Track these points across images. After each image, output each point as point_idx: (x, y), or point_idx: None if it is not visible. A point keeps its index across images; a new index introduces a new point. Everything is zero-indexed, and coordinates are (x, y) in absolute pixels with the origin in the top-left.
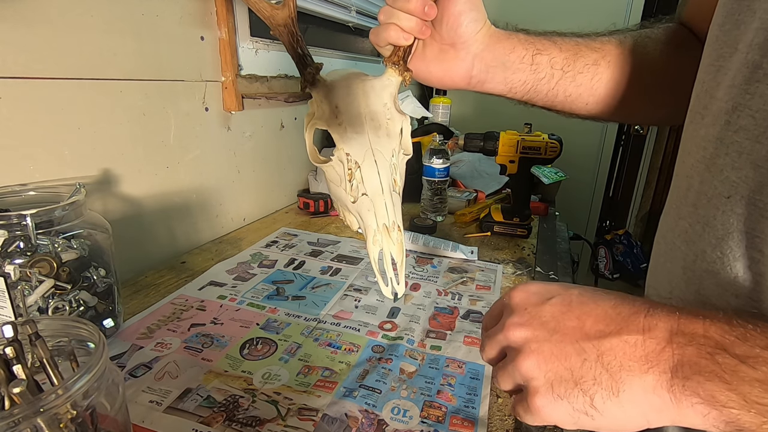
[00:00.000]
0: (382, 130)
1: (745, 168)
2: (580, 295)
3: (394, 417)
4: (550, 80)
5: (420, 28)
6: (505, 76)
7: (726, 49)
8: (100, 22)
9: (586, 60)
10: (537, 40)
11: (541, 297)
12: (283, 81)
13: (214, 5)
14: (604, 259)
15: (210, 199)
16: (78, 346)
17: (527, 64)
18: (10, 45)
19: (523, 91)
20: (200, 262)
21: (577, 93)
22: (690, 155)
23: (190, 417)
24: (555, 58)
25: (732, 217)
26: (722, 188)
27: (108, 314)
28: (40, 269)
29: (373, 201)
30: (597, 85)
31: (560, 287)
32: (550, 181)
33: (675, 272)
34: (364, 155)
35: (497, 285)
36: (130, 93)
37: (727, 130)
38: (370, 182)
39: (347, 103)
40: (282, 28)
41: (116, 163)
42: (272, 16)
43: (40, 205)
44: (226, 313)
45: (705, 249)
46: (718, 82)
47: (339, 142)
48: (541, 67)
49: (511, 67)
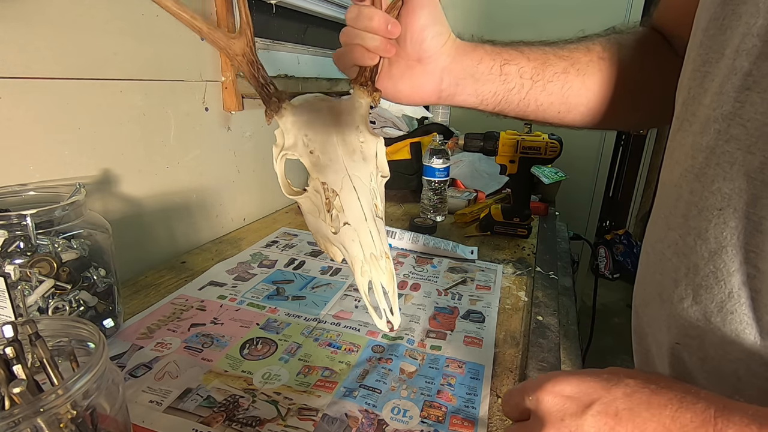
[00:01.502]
0: (357, 155)
1: (738, 179)
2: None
3: (394, 417)
4: (521, 90)
5: (385, 46)
6: (475, 88)
7: (712, 55)
8: (100, 22)
9: (555, 68)
10: (504, 50)
11: (579, 404)
12: (283, 81)
13: (214, 5)
14: (604, 259)
15: (210, 199)
16: (78, 346)
17: (496, 74)
18: (10, 45)
19: (495, 103)
20: (200, 262)
21: (549, 102)
22: (678, 164)
23: (190, 417)
24: (524, 67)
25: (725, 231)
26: (714, 200)
27: (108, 314)
28: (40, 269)
29: (356, 230)
30: (568, 93)
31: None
32: (550, 181)
33: (666, 285)
34: (341, 182)
35: (497, 285)
36: (130, 93)
37: (718, 140)
38: (352, 210)
39: (317, 130)
40: (240, 57)
41: (116, 163)
42: (228, 46)
43: (40, 205)
44: (226, 313)
45: (698, 263)
46: (705, 89)
47: (313, 171)
48: (510, 77)
49: (481, 79)
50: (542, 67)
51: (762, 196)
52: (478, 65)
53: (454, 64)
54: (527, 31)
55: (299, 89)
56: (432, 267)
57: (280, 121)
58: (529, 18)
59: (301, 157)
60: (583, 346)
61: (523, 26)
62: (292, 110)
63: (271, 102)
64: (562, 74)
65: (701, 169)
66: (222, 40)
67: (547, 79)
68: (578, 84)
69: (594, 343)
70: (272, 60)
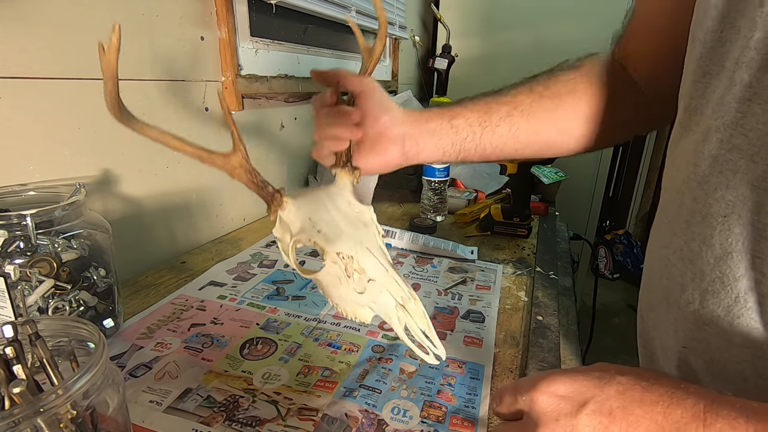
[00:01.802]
0: (358, 223)
1: (741, 187)
2: (621, 397)
3: (394, 417)
4: (474, 137)
5: (351, 132)
6: (434, 143)
7: (713, 67)
8: (100, 22)
9: (499, 113)
10: (449, 108)
11: (573, 404)
12: (283, 81)
13: (214, 5)
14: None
15: (210, 199)
16: (78, 346)
17: (447, 128)
18: (10, 45)
19: (454, 152)
20: (200, 262)
21: (503, 143)
22: (680, 171)
23: (190, 417)
24: (469, 118)
25: (730, 237)
26: (718, 207)
27: (108, 314)
28: (40, 269)
29: (382, 282)
30: (517, 132)
31: (593, 384)
32: (550, 181)
33: (672, 289)
34: (354, 247)
35: (497, 285)
36: (130, 93)
37: (720, 149)
38: (371, 267)
39: (318, 212)
40: (239, 169)
41: (116, 163)
42: (226, 163)
43: (40, 205)
44: (226, 313)
45: (704, 268)
46: (707, 99)
47: (326, 245)
48: (461, 128)
49: (436, 133)
50: (487, 114)
51: (766, 203)
52: (428, 123)
53: (410, 128)
54: (526, 33)
55: (299, 89)
56: (432, 267)
57: (283, 213)
58: (530, 18)
59: (311, 237)
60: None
61: (523, 28)
62: (292, 201)
63: (274, 199)
64: (507, 117)
65: (704, 176)
66: (220, 159)
67: (494, 124)
68: (524, 124)
69: (594, 343)
70: (272, 60)
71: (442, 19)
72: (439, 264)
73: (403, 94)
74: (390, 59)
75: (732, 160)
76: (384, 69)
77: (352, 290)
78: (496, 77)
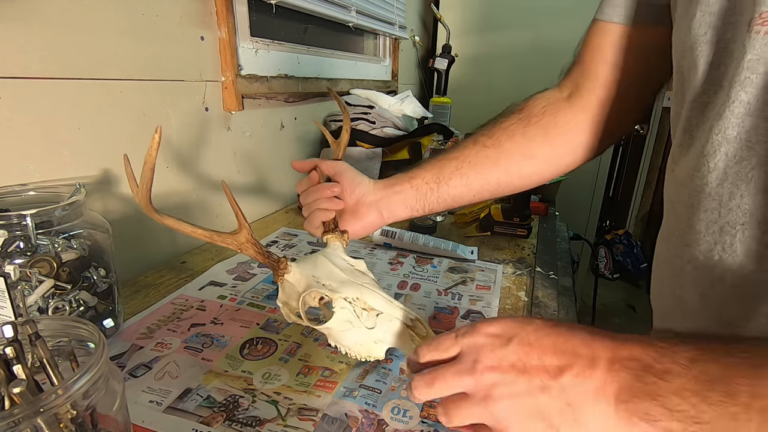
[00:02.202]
0: (356, 272)
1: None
2: (536, 332)
3: (394, 417)
4: (433, 191)
5: (334, 203)
6: (402, 202)
7: (710, 88)
8: (100, 22)
9: (449, 168)
10: (407, 172)
11: (503, 339)
12: (283, 81)
13: (214, 5)
14: (604, 259)
15: (210, 199)
16: (78, 346)
17: (408, 188)
18: (10, 45)
19: (420, 207)
20: (200, 262)
21: (459, 193)
22: (684, 186)
23: (190, 417)
24: (425, 176)
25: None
26: (734, 216)
27: (108, 314)
28: (40, 269)
29: (389, 312)
30: (471, 182)
31: (516, 325)
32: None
33: (689, 299)
34: (359, 290)
35: (497, 285)
36: (130, 93)
37: (728, 162)
38: (378, 303)
39: (319, 269)
40: (246, 244)
41: (116, 163)
42: (234, 240)
43: (40, 205)
44: (226, 313)
45: (723, 276)
46: (707, 117)
47: (333, 294)
48: (420, 187)
49: (402, 194)
50: (439, 171)
51: None
52: (393, 187)
53: (380, 194)
54: (526, 33)
55: (299, 89)
56: (432, 267)
57: (289, 276)
58: (531, 18)
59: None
60: None
61: (522, 28)
62: (296, 265)
63: (280, 267)
64: (456, 171)
65: (715, 188)
66: (230, 238)
67: (447, 177)
68: (473, 173)
69: None
70: (272, 60)
71: (442, 19)
72: (439, 264)
73: (403, 94)
74: (390, 59)
75: (742, 171)
76: (384, 69)
77: (364, 329)
78: (496, 77)
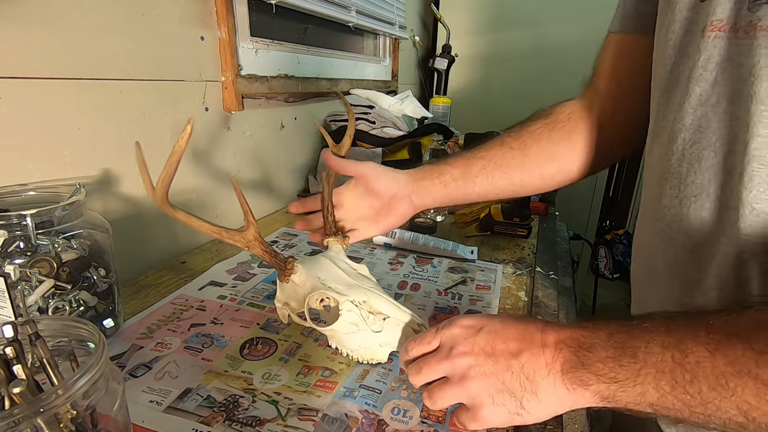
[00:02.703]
0: (360, 276)
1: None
2: (501, 322)
3: (394, 417)
4: (458, 189)
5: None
6: (431, 196)
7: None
8: (100, 22)
9: (476, 167)
10: (436, 165)
11: (475, 329)
12: (283, 81)
13: (214, 5)
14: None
15: (210, 199)
16: (78, 346)
17: (437, 184)
18: (10, 45)
19: (447, 201)
20: (200, 262)
21: (484, 191)
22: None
23: (190, 417)
24: (452, 173)
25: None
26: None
27: (108, 314)
28: (40, 269)
29: (396, 316)
30: (496, 181)
31: (485, 319)
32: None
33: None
34: (365, 294)
35: (497, 285)
36: (130, 93)
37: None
38: (384, 307)
39: (325, 272)
40: (254, 242)
41: (116, 163)
42: (242, 237)
43: (40, 205)
44: (226, 313)
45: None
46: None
47: (339, 297)
48: (448, 183)
49: (431, 189)
50: (466, 169)
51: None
52: (423, 181)
53: (413, 188)
54: (527, 33)
55: (299, 89)
56: (432, 267)
57: (294, 276)
58: (530, 18)
59: (327, 291)
60: None
61: (523, 28)
62: (301, 265)
63: (286, 264)
64: (482, 170)
65: (675, 168)
66: (237, 235)
67: (474, 176)
68: (499, 174)
69: None
70: (272, 60)
71: (442, 19)
72: (439, 264)
73: (403, 94)
74: (390, 59)
75: (695, 153)
76: (384, 69)
77: (369, 332)
78: (496, 77)
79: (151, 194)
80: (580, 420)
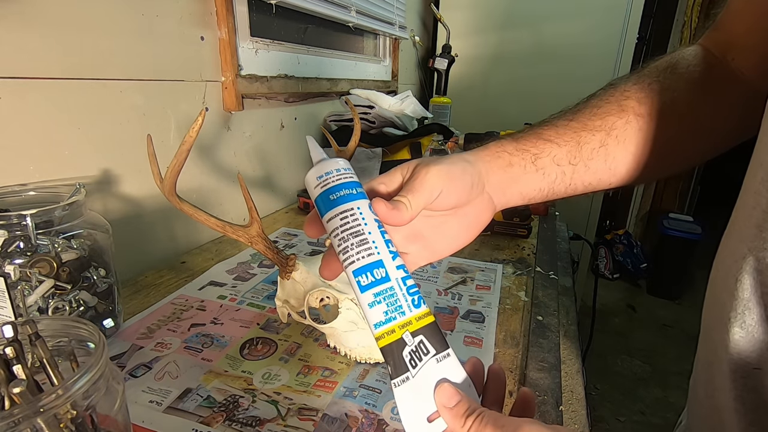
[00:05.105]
0: None
1: None
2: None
3: (394, 417)
4: (564, 178)
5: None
6: (518, 191)
7: None
8: (100, 22)
9: (591, 145)
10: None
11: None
12: (283, 81)
13: (214, 5)
14: (604, 259)
15: (210, 199)
16: (78, 346)
17: (532, 171)
18: (10, 45)
19: (542, 196)
20: (200, 262)
21: (597, 179)
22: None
23: (190, 417)
24: (557, 155)
25: None
26: None
27: (108, 314)
28: (40, 269)
29: None
30: (613, 164)
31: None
32: None
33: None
34: None
35: (497, 285)
36: (130, 93)
37: None
38: None
39: None
40: (257, 238)
41: (116, 163)
42: (246, 233)
43: (40, 205)
44: (226, 313)
45: None
46: None
47: (339, 294)
48: (548, 170)
49: (520, 180)
50: (577, 147)
51: None
52: (510, 168)
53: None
54: (527, 33)
55: (299, 89)
56: (432, 267)
57: (296, 273)
58: (530, 17)
59: (329, 288)
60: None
61: (523, 28)
62: (302, 262)
63: (288, 261)
64: (601, 148)
65: None
66: (241, 231)
67: (587, 158)
68: (621, 152)
69: (594, 343)
70: (272, 60)
71: (442, 19)
72: (439, 264)
73: (403, 94)
74: (390, 59)
75: None
76: (384, 69)
77: (368, 331)
78: (496, 77)
79: (159, 186)
80: (580, 420)
